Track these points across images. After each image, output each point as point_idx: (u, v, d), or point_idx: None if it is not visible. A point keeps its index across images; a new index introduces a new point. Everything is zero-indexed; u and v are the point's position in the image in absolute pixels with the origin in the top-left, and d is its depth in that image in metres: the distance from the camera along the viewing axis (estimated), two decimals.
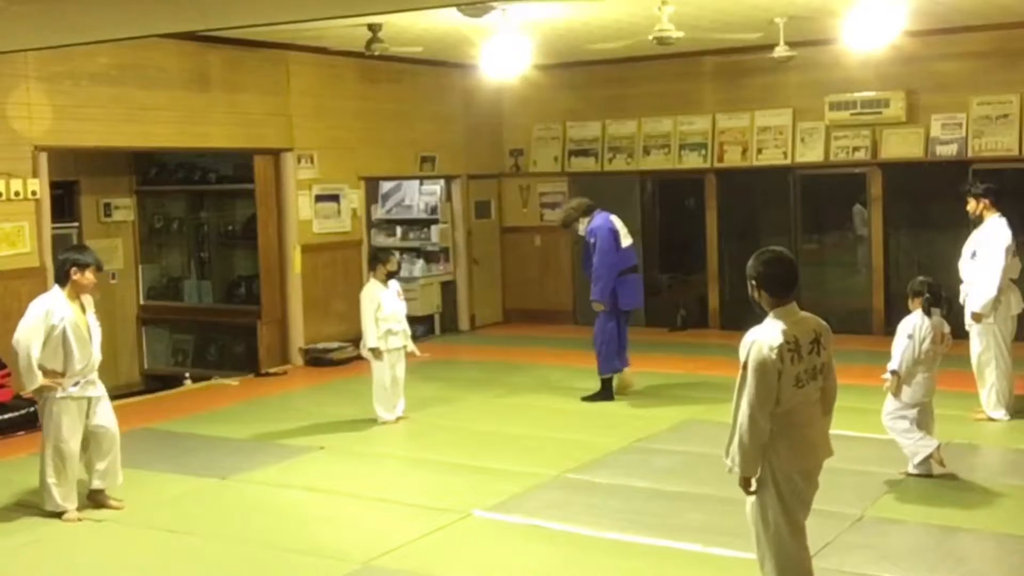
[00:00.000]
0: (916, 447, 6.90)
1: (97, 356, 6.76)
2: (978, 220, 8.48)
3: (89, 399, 6.72)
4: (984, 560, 5.86)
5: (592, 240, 9.42)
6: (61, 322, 6.55)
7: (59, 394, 6.59)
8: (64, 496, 6.66)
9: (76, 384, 6.64)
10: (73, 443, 6.66)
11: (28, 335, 6.53)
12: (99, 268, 6.83)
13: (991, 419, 8.30)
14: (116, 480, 6.86)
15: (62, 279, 6.68)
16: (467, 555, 5.98)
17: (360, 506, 6.89)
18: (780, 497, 4.55)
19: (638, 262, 9.92)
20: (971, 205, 8.46)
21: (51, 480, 6.63)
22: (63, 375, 6.60)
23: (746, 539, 4.96)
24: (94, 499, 6.80)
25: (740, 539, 5.35)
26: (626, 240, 9.54)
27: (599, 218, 9.50)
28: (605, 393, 9.48)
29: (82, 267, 6.65)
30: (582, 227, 9.54)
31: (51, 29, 7.08)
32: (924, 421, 6.98)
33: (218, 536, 6.37)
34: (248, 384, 11.07)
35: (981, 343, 8.32)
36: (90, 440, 6.74)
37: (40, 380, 6.55)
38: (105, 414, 6.79)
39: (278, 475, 7.58)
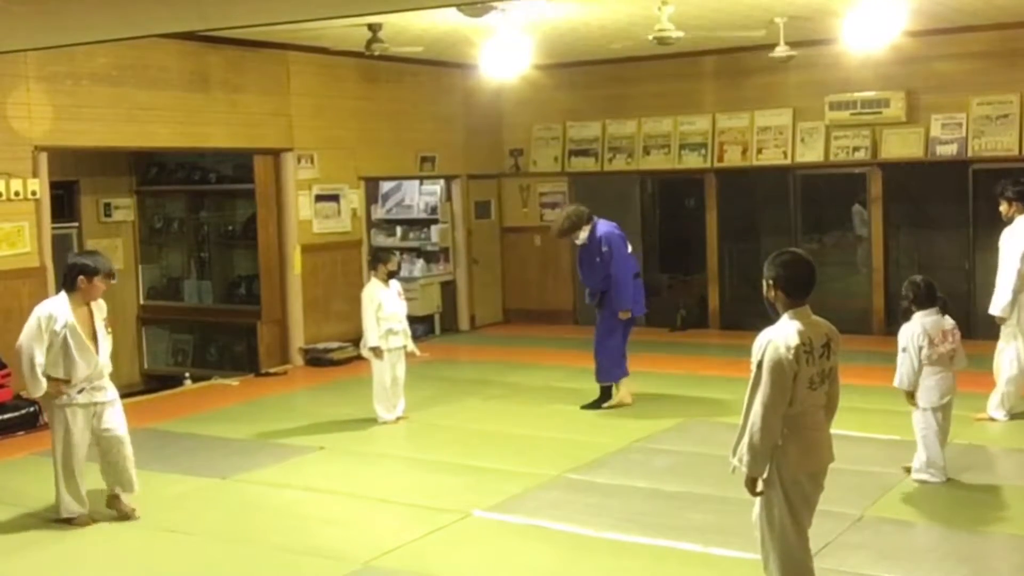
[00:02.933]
0: (929, 464, 6.80)
1: (104, 363, 6.55)
2: (1010, 222, 8.44)
3: (96, 404, 6.55)
4: (985, 560, 5.85)
5: (605, 248, 9.08)
6: (63, 329, 6.39)
7: (64, 401, 6.46)
8: (76, 501, 6.55)
9: (81, 391, 6.49)
10: (81, 449, 6.53)
11: (29, 340, 6.40)
12: (109, 276, 6.61)
13: (992, 419, 8.29)
14: (130, 487, 6.69)
15: (69, 284, 6.51)
16: (467, 555, 5.98)
17: (360, 506, 6.89)
18: (787, 498, 4.57)
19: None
20: (1003, 207, 8.40)
21: (62, 487, 6.52)
22: (68, 382, 6.45)
23: (746, 539, 4.97)
24: (111, 504, 6.67)
25: (740, 539, 5.35)
26: (628, 246, 9.41)
27: (605, 225, 9.21)
28: (606, 399, 9.32)
29: (89, 275, 6.47)
30: (583, 235, 9.16)
31: (51, 29, 7.07)
32: (945, 427, 6.87)
33: (218, 536, 6.37)
34: (248, 384, 11.07)
35: (1004, 343, 8.32)
36: (99, 445, 6.61)
37: (44, 387, 6.42)
38: (113, 419, 6.60)
39: (278, 475, 7.58)
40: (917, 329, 6.73)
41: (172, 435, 8.82)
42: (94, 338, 6.53)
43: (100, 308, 6.66)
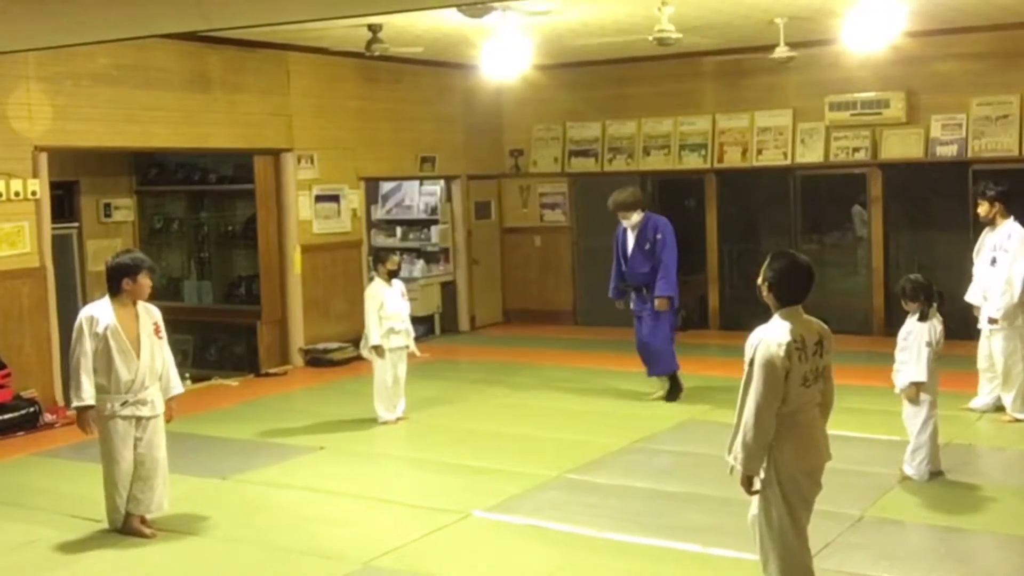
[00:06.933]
0: (916, 455, 6.86)
1: (147, 369, 6.31)
2: (990, 223, 8.43)
3: (140, 419, 6.33)
4: (985, 561, 5.86)
5: (659, 236, 9.26)
6: (105, 331, 6.20)
7: (107, 412, 6.28)
8: (115, 513, 6.41)
9: (124, 403, 6.27)
10: (126, 461, 6.33)
11: (74, 348, 6.23)
12: (152, 271, 6.39)
13: (1016, 420, 8.25)
14: (154, 508, 6.44)
15: (114, 287, 6.29)
16: (467, 555, 5.98)
17: (360, 506, 6.89)
18: (784, 497, 4.57)
19: None
20: (983, 208, 8.40)
21: (107, 498, 6.40)
22: (109, 392, 6.24)
23: (746, 539, 4.97)
24: (124, 523, 6.39)
25: (740, 539, 5.35)
26: None
27: (659, 216, 9.50)
28: (678, 386, 9.44)
29: (133, 275, 6.27)
30: (635, 218, 9.33)
31: (51, 29, 7.07)
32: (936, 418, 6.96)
33: (218, 536, 6.37)
34: (248, 384, 11.07)
35: (1009, 346, 8.28)
36: (135, 459, 6.35)
37: (91, 395, 6.20)
38: (154, 437, 6.41)
39: (278, 475, 7.58)
40: (939, 327, 6.85)
41: (172, 435, 8.67)
42: (138, 343, 6.31)
43: (150, 314, 6.45)
